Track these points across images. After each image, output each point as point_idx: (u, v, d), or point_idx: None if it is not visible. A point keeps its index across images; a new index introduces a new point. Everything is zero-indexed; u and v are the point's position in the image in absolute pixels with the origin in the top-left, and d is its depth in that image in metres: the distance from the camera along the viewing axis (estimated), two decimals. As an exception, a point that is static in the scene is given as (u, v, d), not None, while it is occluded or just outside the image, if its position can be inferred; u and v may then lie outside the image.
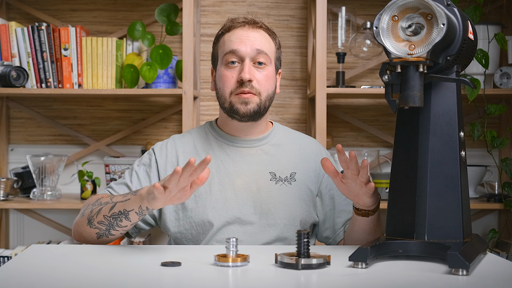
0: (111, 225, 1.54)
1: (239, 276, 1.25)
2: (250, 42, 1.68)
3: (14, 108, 2.95)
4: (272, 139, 1.77)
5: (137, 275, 1.27)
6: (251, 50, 1.67)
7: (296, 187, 1.72)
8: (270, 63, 1.71)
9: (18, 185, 2.75)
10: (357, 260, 1.30)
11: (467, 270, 1.23)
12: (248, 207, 1.68)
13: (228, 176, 1.70)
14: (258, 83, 1.67)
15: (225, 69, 1.69)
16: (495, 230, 2.73)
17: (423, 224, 1.38)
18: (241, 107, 1.66)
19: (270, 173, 1.72)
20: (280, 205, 1.69)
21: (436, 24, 1.30)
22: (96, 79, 2.65)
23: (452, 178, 1.39)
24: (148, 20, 2.90)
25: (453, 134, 1.40)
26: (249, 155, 1.73)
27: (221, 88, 1.69)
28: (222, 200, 1.68)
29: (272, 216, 1.69)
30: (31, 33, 2.64)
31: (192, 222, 1.68)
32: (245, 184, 1.70)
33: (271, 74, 1.71)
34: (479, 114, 2.80)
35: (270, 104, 1.72)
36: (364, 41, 2.78)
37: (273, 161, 1.73)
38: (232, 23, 1.72)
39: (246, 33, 1.70)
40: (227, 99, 1.68)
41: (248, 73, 1.65)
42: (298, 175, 1.73)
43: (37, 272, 1.30)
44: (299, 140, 1.81)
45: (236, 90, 1.67)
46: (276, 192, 1.70)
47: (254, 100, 1.67)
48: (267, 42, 1.72)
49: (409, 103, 1.33)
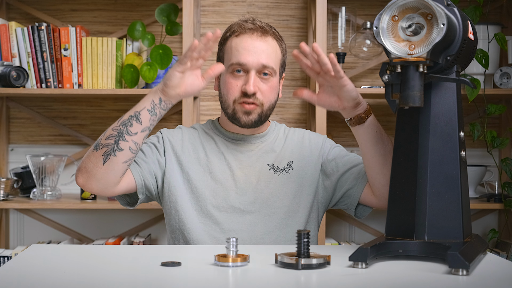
0: (120, 134, 1.53)
1: (239, 276, 1.26)
2: (257, 54, 1.69)
3: (14, 108, 2.95)
4: (271, 136, 1.81)
5: (137, 275, 1.27)
6: (258, 63, 1.68)
7: (294, 175, 1.75)
8: (275, 74, 1.73)
9: (18, 185, 2.75)
10: (357, 260, 1.30)
11: (467, 270, 1.23)
12: (248, 197, 1.72)
13: (229, 168, 1.74)
14: (262, 94, 1.70)
15: (230, 77, 1.71)
16: (495, 230, 2.73)
17: (423, 224, 1.38)
18: (243, 117, 1.70)
19: (268, 165, 1.76)
20: (279, 194, 1.73)
21: (436, 24, 1.30)
22: (96, 79, 2.65)
23: (452, 178, 1.39)
24: (148, 20, 2.90)
25: (453, 134, 1.40)
26: (249, 150, 1.77)
27: (225, 95, 1.72)
28: (223, 189, 1.72)
29: (272, 205, 1.72)
30: (31, 33, 2.64)
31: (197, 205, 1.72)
32: (245, 176, 1.74)
33: (275, 84, 1.74)
34: (479, 114, 2.81)
35: (271, 112, 1.75)
36: (364, 41, 2.78)
37: (271, 153, 1.78)
38: (241, 29, 1.72)
39: (253, 44, 1.70)
40: (230, 106, 1.71)
41: (253, 85, 1.67)
42: (295, 163, 1.77)
43: (37, 272, 1.30)
44: (297, 134, 1.84)
45: (239, 99, 1.69)
46: (275, 182, 1.74)
47: (256, 111, 1.70)
48: (274, 53, 1.72)
49: (409, 103, 1.33)
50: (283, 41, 1.78)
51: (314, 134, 1.86)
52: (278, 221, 1.72)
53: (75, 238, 2.94)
